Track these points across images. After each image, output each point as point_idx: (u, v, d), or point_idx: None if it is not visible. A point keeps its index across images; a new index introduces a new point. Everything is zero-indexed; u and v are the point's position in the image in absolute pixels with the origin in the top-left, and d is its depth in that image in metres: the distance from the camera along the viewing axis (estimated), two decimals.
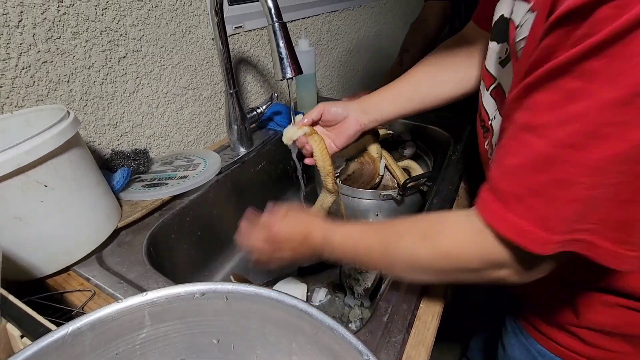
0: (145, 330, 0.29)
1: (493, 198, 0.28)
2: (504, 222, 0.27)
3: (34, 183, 0.40)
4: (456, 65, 0.53)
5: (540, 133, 0.25)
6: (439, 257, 0.32)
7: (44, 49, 0.53)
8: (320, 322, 0.27)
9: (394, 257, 0.35)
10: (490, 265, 0.30)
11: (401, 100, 0.55)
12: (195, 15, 0.73)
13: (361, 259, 0.39)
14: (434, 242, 0.33)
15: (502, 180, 0.28)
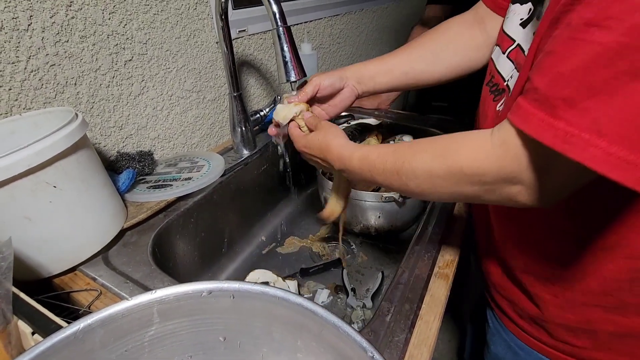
0: (153, 327, 0.29)
1: (538, 108, 0.26)
2: (552, 132, 0.25)
3: (44, 184, 0.40)
4: (456, 47, 0.53)
5: (608, 25, 0.23)
6: (454, 171, 0.32)
7: (52, 52, 0.54)
8: (325, 320, 0.28)
9: (409, 174, 0.35)
10: (505, 180, 0.30)
11: (397, 74, 0.55)
12: (200, 19, 0.74)
13: (377, 179, 0.39)
14: (451, 155, 0.33)
15: (553, 85, 0.25)
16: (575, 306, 0.40)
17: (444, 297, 0.44)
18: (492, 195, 0.32)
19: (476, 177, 0.31)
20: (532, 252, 0.42)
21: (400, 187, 0.38)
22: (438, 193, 0.35)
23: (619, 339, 0.40)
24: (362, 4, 1.37)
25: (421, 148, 0.36)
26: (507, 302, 0.49)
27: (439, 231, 0.55)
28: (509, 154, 0.29)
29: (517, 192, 0.30)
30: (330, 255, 0.77)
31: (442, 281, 0.46)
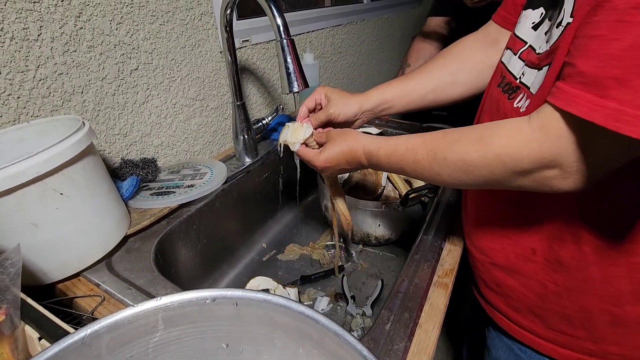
0: (158, 334, 0.30)
1: (584, 90, 0.27)
2: (604, 111, 0.26)
3: (51, 191, 0.41)
4: (472, 66, 0.54)
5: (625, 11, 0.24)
6: (490, 158, 0.33)
7: (60, 61, 0.55)
8: (326, 328, 0.28)
9: (442, 164, 0.36)
10: (543, 164, 0.31)
11: (415, 97, 0.55)
12: (205, 29, 0.76)
13: (406, 170, 0.40)
14: (488, 142, 0.33)
15: (602, 67, 0.26)
16: (573, 293, 0.41)
17: (443, 306, 0.45)
18: (527, 181, 0.32)
19: (514, 162, 0.32)
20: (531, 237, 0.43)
21: (432, 177, 0.38)
22: (470, 180, 0.36)
23: (611, 328, 0.41)
24: (364, 14, 1.40)
25: (454, 137, 0.36)
26: (501, 298, 0.50)
27: (439, 240, 0.55)
28: (549, 137, 0.30)
29: (553, 176, 0.31)
30: (331, 262, 0.77)
31: (442, 290, 0.47)
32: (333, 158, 0.47)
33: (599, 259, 0.38)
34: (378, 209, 0.71)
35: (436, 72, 0.56)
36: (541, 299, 0.44)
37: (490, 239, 0.48)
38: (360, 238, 0.78)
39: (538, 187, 0.32)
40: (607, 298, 0.39)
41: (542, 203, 0.40)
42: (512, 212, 0.44)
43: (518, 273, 0.45)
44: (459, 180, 0.37)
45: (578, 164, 0.29)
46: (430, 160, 0.37)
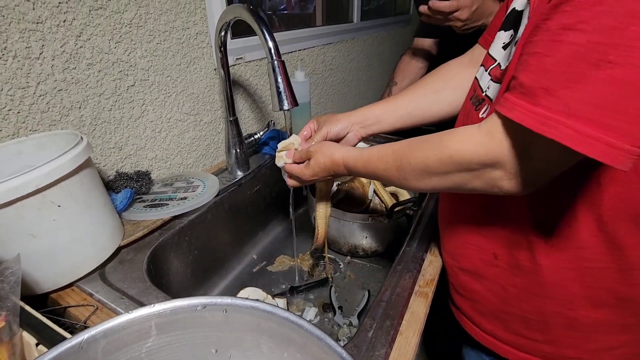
0: (151, 339, 0.32)
1: (521, 98, 0.31)
2: (533, 116, 0.29)
3: (49, 203, 0.43)
4: (456, 85, 0.57)
5: (581, 28, 0.27)
6: (444, 160, 0.36)
7: (60, 78, 0.58)
8: (309, 333, 0.31)
9: (407, 168, 0.40)
10: (489, 164, 0.34)
11: (402, 113, 0.58)
12: (200, 47, 0.79)
13: (380, 177, 0.45)
14: (444, 147, 0.37)
15: (536, 79, 0.30)
16: (531, 297, 0.44)
17: (423, 315, 0.47)
18: (479, 182, 0.35)
19: (464, 163, 0.35)
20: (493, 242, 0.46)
21: (400, 181, 0.42)
22: (433, 183, 0.39)
23: (566, 332, 0.44)
24: (354, 33, 1.45)
25: (417, 144, 0.40)
26: (468, 302, 0.52)
27: (421, 251, 0.58)
28: (494, 140, 0.33)
29: (499, 176, 0.34)
30: (319, 274, 0.79)
31: (422, 299, 0.49)
32: (317, 172, 0.51)
33: (551, 263, 0.41)
34: (365, 221, 0.74)
35: (421, 90, 0.59)
36: (503, 303, 0.47)
37: (458, 245, 0.51)
38: (348, 250, 0.81)
39: (489, 189, 0.35)
40: (561, 301, 0.43)
41: (502, 209, 0.44)
42: (477, 217, 0.47)
43: (482, 277, 0.48)
44: (423, 183, 0.40)
45: (519, 166, 0.33)
46: (397, 166, 0.41)
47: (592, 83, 0.27)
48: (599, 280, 0.41)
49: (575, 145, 0.28)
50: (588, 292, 0.41)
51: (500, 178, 0.34)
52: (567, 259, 0.41)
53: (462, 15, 0.75)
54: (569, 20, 0.28)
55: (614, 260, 0.39)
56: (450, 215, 0.53)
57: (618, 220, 0.37)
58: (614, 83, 0.26)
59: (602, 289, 0.41)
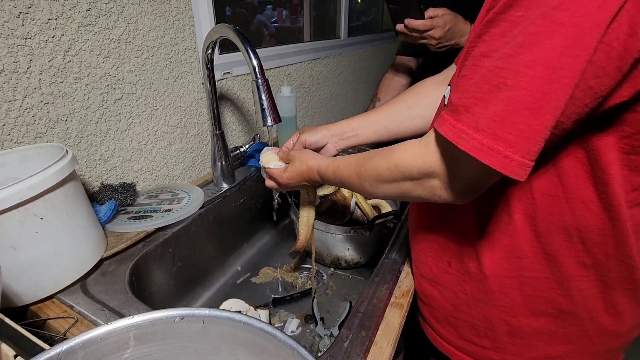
0: (129, 350, 0.33)
1: (450, 115, 0.34)
2: (454, 131, 0.33)
3: (32, 215, 0.44)
4: (429, 101, 0.60)
5: (491, 55, 0.31)
6: (391, 168, 0.40)
7: (47, 92, 0.59)
8: (283, 343, 0.32)
9: (364, 176, 0.44)
10: (427, 174, 0.37)
11: (378, 127, 0.61)
12: (188, 62, 0.81)
13: (345, 184, 0.48)
14: (392, 157, 0.40)
15: (460, 98, 0.33)
16: (478, 303, 0.47)
17: (398, 325, 0.49)
18: (421, 190, 0.39)
19: (407, 172, 0.39)
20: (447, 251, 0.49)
21: (360, 188, 0.46)
22: (384, 189, 0.43)
23: (509, 339, 0.46)
24: (341, 49, 1.49)
25: (373, 154, 0.44)
26: (427, 308, 0.55)
27: (398, 264, 0.60)
28: (430, 151, 0.36)
29: (437, 185, 0.37)
30: (302, 285, 0.81)
31: (397, 310, 0.51)
32: (293, 176, 0.54)
33: (496, 271, 0.44)
34: (347, 233, 0.75)
35: (397, 106, 0.62)
36: (455, 309, 0.50)
37: (420, 252, 0.54)
38: (331, 261, 0.82)
39: (430, 197, 0.38)
40: (505, 309, 0.45)
41: (454, 219, 0.47)
42: (433, 227, 0.50)
43: (438, 284, 0.51)
44: (377, 190, 0.43)
45: (451, 176, 0.36)
46: (357, 175, 0.45)
47: (494, 102, 0.30)
48: (538, 290, 0.43)
49: (479, 156, 0.31)
50: (528, 300, 0.44)
51: (438, 187, 0.37)
52: (509, 268, 0.43)
53: (436, 34, 0.79)
54: (486, 48, 0.32)
55: (551, 272, 0.42)
56: (414, 226, 0.56)
57: (552, 232, 0.40)
58: (509, 102, 0.30)
59: (542, 298, 0.43)
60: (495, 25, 0.32)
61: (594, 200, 0.38)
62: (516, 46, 0.29)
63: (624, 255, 0.40)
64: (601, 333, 0.44)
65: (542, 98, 0.29)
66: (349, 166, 0.46)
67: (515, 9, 0.30)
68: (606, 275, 0.41)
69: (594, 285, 0.42)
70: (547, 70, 0.29)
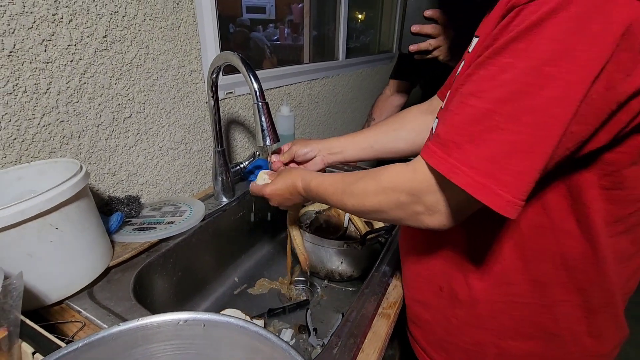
0: (138, 349, 0.36)
1: (438, 148, 0.36)
2: (446, 165, 0.35)
3: (48, 226, 0.48)
4: (412, 127, 0.65)
5: (480, 96, 0.33)
6: (379, 191, 0.42)
7: (63, 110, 0.63)
8: (275, 345, 0.36)
9: (349, 194, 0.46)
10: (413, 197, 0.39)
11: (364, 146, 0.66)
12: (194, 83, 0.86)
13: (328, 200, 0.50)
14: (380, 178, 0.43)
15: (448, 133, 0.35)
16: (469, 328, 0.49)
17: (385, 334, 0.52)
18: (404, 212, 0.41)
19: (393, 192, 0.41)
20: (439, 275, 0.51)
21: (341, 205, 0.48)
22: (367, 207, 0.44)
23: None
24: (339, 69, 1.56)
25: (360, 175, 0.46)
26: (420, 331, 0.57)
27: (387, 276, 0.63)
28: (417, 177, 0.38)
29: (421, 211, 0.39)
30: (297, 297, 0.84)
31: (384, 320, 0.54)
32: (278, 189, 0.57)
33: (486, 297, 0.47)
34: (340, 247, 0.79)
35: (383, 128, 0.67)
36: (447, 333, 0.52)
37: (412, 276, 0.56)
38: (325, 274, 0.86)
39: (413, 220, 0.40)
40: (494, 332, 0.47)
41: (445, 244, 0.49)
42: (425, 252, 0.53)
43: (431, 307, 0.53)
44: (358, 207, 0.46)
45: (437, 204, 0.37)
46: (342, 191, 0.47)
47: (488, 143, 0.33)
48: (526, 314, 0.45)
49: (473, 192, 0.33)
50: (518, 324, 0.46)
51: (422, 213, 0.39)
52: (500, 294, 0.46)
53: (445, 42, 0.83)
54: (474, 87, 0.34)
55: (539, 297, 0.44)
56: (405, 249, 0.59)
57: (538, 260, 0.43)
58: (503, 145, 0.32)
59: (530, 322, 0.46)
60: (485, 68, 0.34)
61: (576, 231, 0.41)
62: (510, 92, 0.32)
63: (605, 282, 0.42)
64: (585, 354, 0.46)
65: (535, 143, 0.32)
66: (335, 184, 0.49)
67: (504, 55, 0.32)
68: (589, 301, 0.43)
69: (578, 310, 0.44)
70: (540, 119, 0.31)
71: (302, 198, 0.56)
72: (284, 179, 0.57)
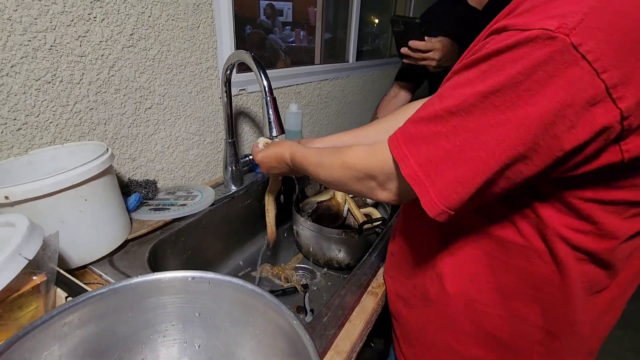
0: (152, 299, 0.42)
1: (400, 134, 0.39)
2: (392, 140, 0.39)
3: (79, 197, 0.55)
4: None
5: (442, 99, 0.35)
6: (342, 165, 0.47)
7: (93, 99, 0.71)
8: (268, 301, 0.41)
9: (321, 166, 0.51)
10: (368, 175, 0.43)
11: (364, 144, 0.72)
12: (209, 79, 0.93)
13: (308, 170, 0.55)
14: (343, 155, 0.47)
15: (409, 124, 0.39)
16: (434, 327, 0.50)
17: (371, 309, 0.57)
18: (361, 186, 0.45)
19: (353, 168, 0.45)
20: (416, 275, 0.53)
21: (316, 175, 0.53)
22: (333, 179, 0.49)
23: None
24: (349, 71, 1.62)
25: (331, 151, 0.51)
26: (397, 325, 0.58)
27: (378, 261, 0.69)
28: (374, 157, 0.42)
29: (373, 185, 0.43)
30: (298, 282, 0.89)
31: (372, 297, 0.59)
32: (267, 156, 0.64)
33: (453, 299, 0.47)
34: (339, 236, 0.84)
35: (374, 127, 0.72)
36: (416, 329, 0.53)
37: (395, 273, 0.58)
38: (325, 262, 0.91)
39: (369, 194, 0.45)
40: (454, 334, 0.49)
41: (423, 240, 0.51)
42: (405, 250, 0.55)
43: (407, 303, 0.55)
44: (328, 178, 0.51)
45: (387, 182, 0.42)
46: (316, 164, 0.52)
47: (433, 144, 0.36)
48: (485, 322, 0.46)
49: (412, 183, 0.37)
50: (476, 330, 0.47)
51: (375, 187, 0.44)
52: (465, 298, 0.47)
53: (436, 55, 0.89)
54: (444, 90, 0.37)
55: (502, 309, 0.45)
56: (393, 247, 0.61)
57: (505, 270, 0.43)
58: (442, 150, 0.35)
59: (487, 332, 0.46)
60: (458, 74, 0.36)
61: (545, 252, 0.40)
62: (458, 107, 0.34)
63: (570, 309, 0.41)
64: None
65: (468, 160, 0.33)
66: (313, 156, 0.54)
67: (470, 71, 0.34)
68: (551, 324, 0.43)
69: (538, 331, 0.44)
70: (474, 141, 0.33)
71: (289, 167, 0.62)
72: (274, 148, 0.63)
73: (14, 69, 0.59)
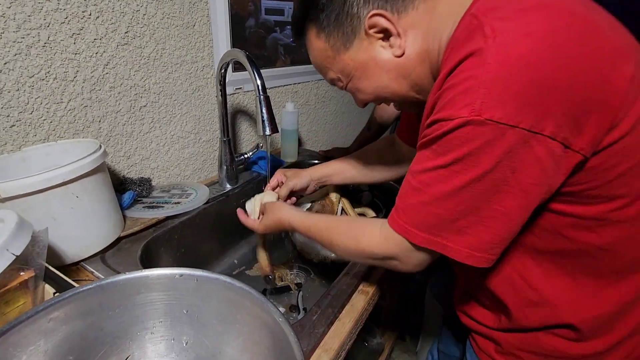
0: (140, 295, 0.42)
1: (394, 212, 0.46)
2: (398, 225, 0.45)
3: (70, 194, 0.55)
4: (385, 159, 0.81)
5: (413, 175, 0.43)
6: (359, 250, 0.51)
7: (87, 97, 0.71)
8: (255, 299, 0.42)
9: (334, 247, 0.55)
10: (388, 257, 0.48)
11: (347, 175, 0.83)
12: (205, 78, 0.93)
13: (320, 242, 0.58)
14: (358, 241, 0.51)
15: (398, 201, 0.45)
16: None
17: (361, 308, 0.57)
18: (384, 264, 0.50)
19: (372, 255, 0.49)
20: None
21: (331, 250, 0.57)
22: (352, 258, 0.60)
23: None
24: None
25: (341, 231, 0.54)
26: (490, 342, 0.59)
27: None
28: (389, 243, 0.47)
29: (396, 264, 0.48)
30: (292, 281, 0.89)
31: (362, 296, 0.60)
32: (268, 226, 0.67)
33: None
34: None
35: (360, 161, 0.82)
36: None
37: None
38: (319, 260, 0.91)
39: (392, 269, 0.50)
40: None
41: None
42: None
43: None
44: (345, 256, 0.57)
45: (407, 258, 0.46)
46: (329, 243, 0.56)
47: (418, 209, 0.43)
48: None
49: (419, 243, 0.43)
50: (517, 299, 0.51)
51: (397, 265, 0.48)
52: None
53: None
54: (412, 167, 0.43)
55: None
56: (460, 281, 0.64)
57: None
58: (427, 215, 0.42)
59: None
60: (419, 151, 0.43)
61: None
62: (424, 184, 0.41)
63: None
64: None
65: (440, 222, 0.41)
66: (320, 232, 0.57)
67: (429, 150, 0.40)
68: None
69: None
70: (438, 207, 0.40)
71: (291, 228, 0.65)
72: (272, 216, 0.67)
73: (7, 65, 0.59)
